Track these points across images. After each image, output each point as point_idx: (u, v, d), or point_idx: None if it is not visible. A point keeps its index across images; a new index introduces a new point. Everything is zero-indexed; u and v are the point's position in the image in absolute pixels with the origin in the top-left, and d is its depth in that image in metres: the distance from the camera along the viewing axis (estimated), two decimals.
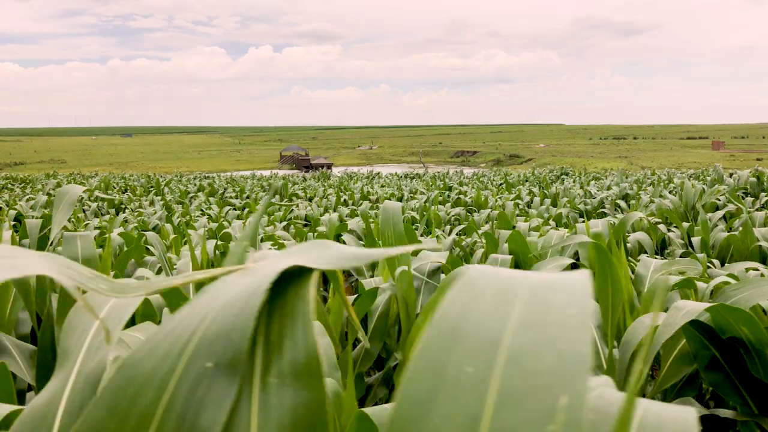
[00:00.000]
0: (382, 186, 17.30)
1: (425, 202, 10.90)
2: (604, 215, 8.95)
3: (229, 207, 10.13)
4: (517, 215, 8.15)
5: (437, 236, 5.52)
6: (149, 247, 3.60)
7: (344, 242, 4.41)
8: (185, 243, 4.09)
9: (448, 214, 8.10)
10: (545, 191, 11.82)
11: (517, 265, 3.18)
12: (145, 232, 4.01)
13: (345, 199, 11.88)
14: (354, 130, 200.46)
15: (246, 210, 10.40)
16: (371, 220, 6.43)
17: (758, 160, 49.45)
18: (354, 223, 5.91)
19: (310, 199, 13.26)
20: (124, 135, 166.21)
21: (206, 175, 27.25)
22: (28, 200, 9.79)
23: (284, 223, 6.30)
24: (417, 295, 2.17)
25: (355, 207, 10.26)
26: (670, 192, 10.33)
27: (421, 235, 6.20)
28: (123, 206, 11.65)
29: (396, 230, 2.13)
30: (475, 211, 8.41)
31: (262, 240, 4.67)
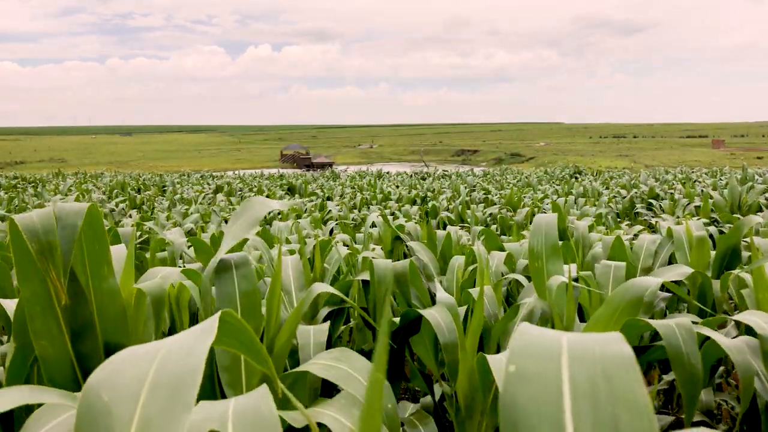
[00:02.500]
0: (396, 186, 17.11)
1: (450, 199, 10.73)
2: (638, 215, 8.81)
3: None
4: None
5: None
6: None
7: (407, 247, 4.20)
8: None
9: (483, 214, 7.94)
10: (571, 190, 11.66)
11: None
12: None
13: (367, 198, 11.70)
14: (354, 128, 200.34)
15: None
16: (414, 221, 6.25)
17: (758, 158, 49.25)
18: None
19: (329, 198, 13.07)
20: (124, 134, 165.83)
21: (212, 173, 27.02)
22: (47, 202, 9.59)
23: (332, 225, 6.11)
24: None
25: (381, 207, 10.07)
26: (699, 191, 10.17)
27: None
28: (143, 206, 11.47)
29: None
30: (511, 211, 8.21)
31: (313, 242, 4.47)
